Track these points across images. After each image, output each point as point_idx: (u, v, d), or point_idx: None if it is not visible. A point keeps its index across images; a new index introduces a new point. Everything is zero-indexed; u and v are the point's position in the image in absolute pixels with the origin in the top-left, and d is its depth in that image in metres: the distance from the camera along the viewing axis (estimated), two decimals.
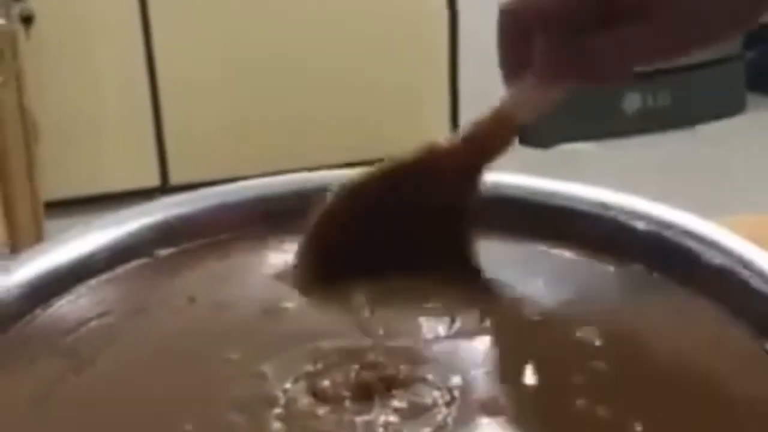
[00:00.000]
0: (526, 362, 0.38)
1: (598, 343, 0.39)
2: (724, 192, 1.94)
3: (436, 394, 0.36)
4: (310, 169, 0.51)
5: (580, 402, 0.36)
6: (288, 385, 0.37)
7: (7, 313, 0.42)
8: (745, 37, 2.47)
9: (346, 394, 0.36)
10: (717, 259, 0.42)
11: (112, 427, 0.37)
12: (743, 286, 0.41)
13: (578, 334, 0.40)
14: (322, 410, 0.35)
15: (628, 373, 0.38)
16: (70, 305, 0.44)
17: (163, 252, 0.47)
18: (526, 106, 0.44)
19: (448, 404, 0.35)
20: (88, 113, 2.03)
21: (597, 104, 2.37)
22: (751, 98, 2.52)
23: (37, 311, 0.43)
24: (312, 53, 2.09)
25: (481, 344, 0.40)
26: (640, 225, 0.45)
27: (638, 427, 0.34)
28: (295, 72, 2.11)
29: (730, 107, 2.47)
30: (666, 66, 2.40)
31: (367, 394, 0.36)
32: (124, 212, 0.48)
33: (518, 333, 0.41)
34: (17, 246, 1.46)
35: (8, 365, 0.40)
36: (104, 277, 0.45)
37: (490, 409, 0.35)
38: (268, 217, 0.49)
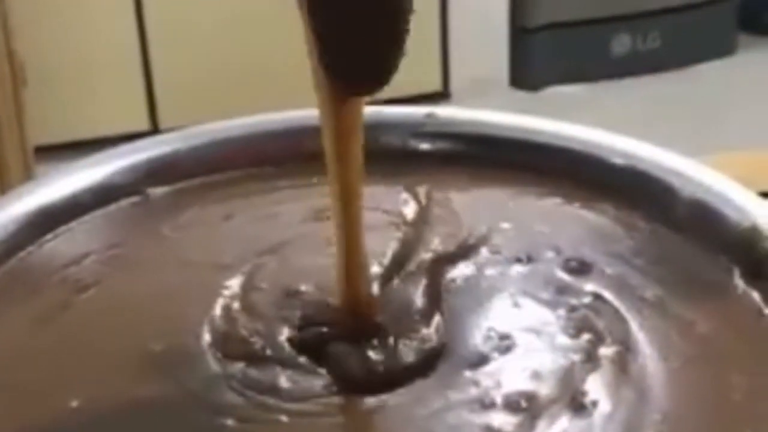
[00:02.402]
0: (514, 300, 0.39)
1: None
2: (715, 133, 1.95)
3: None
4: None
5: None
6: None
7: (2, 248, 0.42)
8: None
9: None
10: (692, 193, 0.43)
11: (110, 343, 0.38)
12: (718, 219, 0.41)
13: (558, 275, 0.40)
14: None
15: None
16: (67, 241, 0.44)
17: (154, 190, 0.48)
18: None
19: None
20: (77, 57, 2.02)
21: (586, 47, 2.36)
22: (743, 38, 2.51)
23: (31, 248, 0.43)
24: None
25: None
26: (618, 161, 0.46)
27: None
28: (285, 16, 2.10)
29: (721, 48, 2.46)
30: (656, 7, 2.40)
31: None
32: (114, 150, 0.48)
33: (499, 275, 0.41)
34: (6, 190, 1.45)
35: (10, 294, 0.41)
36: (98, 214, 0.46)
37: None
38: (260, 155, 0.49)
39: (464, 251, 0.42)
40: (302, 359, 0.36)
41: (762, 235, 0.39)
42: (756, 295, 0.38)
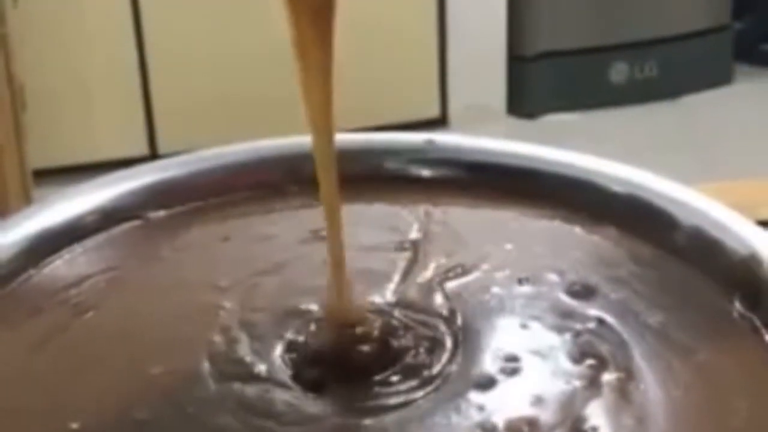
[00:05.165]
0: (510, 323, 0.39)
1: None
2: (711, 162, 1.96)
3: None
4: None
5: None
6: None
7: (3, 271, 0.43)
8: (733, 7, 2.47)
9: None
10: (691, 221, 0.43)
11: (108, 366, 0.38)
12: (717, 247, 0.42)
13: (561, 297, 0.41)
14: None
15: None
16: (67, 264, 0.44)
17: (154, 214, 0.48)
18: None
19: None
20: (76, 81, 2.03)
21: (584, 75, 2.37)
22: (739, 69, 2.52)
23: (32, 270, 0.43)
24: None
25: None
26: (617, 188, 0.46)
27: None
28: (284, 44, 2.10)
29: (718, 78, 2.48)
30: (653, 36, 2.41)
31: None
32: (114, 175, 0.49)
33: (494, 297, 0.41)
34: (6, 213, 1.46)
35: (9, 318, 0.41)
36: (98, 237, 0.46)
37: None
38: (258, 180, 0.50)
39: (468, 270, 0.42)
40: (300, 382, 0.36)
41: (760, 263, 0.40)
42: (755, 322, 0.39)
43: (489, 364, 0.37)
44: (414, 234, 0.45)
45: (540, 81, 2.34)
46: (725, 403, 0.35)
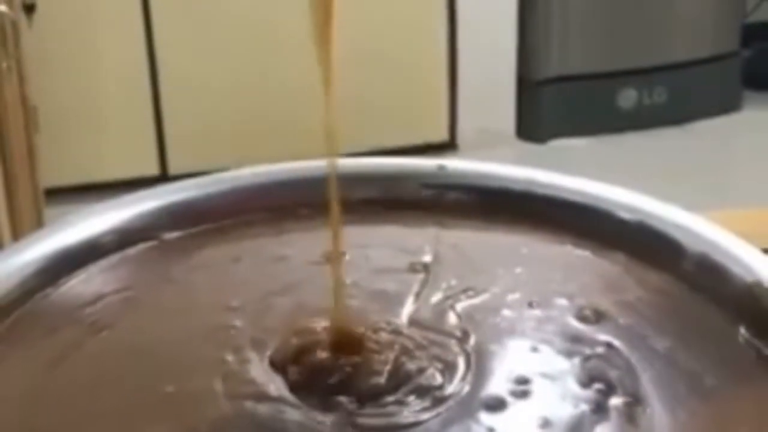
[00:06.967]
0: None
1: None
2: (719, 189, 1.96)
3: None
4: None
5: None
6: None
7: (20, 290, 0.43)
8: (742, 34, 2.48)
9: None
10: (698, 248, 0.44)
11: (122, 385, 0.38)
12: (724, 274, 0.42)
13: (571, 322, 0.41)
14: None
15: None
16: (84, 283, 0.45)
17: (169, 235, 0.48)
18: None
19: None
20: (89, 102, 2.04)
21: (593, 100, 2.38)
22: (747, 96, 2.53)
23: (49, 289, 0.44)
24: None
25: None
26: (625, 215, 0.47)
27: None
28: (296, 64, 2.12)
29: (726, 105, 2.48)
30: (662, 63, 2.42)
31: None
32: (131, 196, 0.49)
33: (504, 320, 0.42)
34: (18, 232, 1.46)
35: (26, 336, 0.41)
36: (113, 257, 0.47)
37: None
38: (272, 203, 0.51)
39: (479, 293, 0.43)
40: (311, 401, 0.37)
41: (766, 291, 0.40)
42: (762, 349, 0.39)
43: (500, 385, 0.37)
44: (426, 257, 0.46)
45: (549, 106, 2.35)
46: (730, 429, 0.35)
